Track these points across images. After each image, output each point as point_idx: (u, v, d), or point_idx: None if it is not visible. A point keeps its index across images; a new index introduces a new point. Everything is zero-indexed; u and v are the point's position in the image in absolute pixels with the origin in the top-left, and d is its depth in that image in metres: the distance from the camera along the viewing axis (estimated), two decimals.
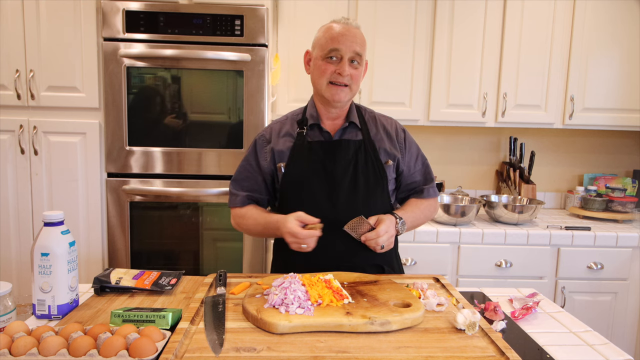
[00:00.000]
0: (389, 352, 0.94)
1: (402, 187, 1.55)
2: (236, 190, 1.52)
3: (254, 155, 1.51)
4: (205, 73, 2.21)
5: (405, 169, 1.52)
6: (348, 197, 1.42)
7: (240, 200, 1.51)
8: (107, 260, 2.29)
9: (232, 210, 1.54)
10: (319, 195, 1.42)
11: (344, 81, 1.40)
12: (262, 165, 1.49)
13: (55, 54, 2.19)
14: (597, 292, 2.37)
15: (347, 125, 1.48)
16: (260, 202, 1.53)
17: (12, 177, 2.24)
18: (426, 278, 1.40)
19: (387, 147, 1.49)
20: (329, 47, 1.39)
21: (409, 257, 2.33)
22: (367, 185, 1.44)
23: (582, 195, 2.77)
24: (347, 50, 1.38)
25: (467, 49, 2.53)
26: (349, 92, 1.42)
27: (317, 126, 1.48)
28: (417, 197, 1.56)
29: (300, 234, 1.29)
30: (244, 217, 1.50)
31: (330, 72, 1.40)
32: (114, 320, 1.05)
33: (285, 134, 1.49)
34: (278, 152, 1.47)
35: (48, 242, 1.11)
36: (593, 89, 2.58)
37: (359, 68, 1.42)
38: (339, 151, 1.45)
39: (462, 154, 2.96)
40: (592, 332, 1.17)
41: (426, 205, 1.55)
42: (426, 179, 1.57)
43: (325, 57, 1.40)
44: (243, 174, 1.52)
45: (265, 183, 1.51)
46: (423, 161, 1.57)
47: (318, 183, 1.43)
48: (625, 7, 2.52)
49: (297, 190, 1.44)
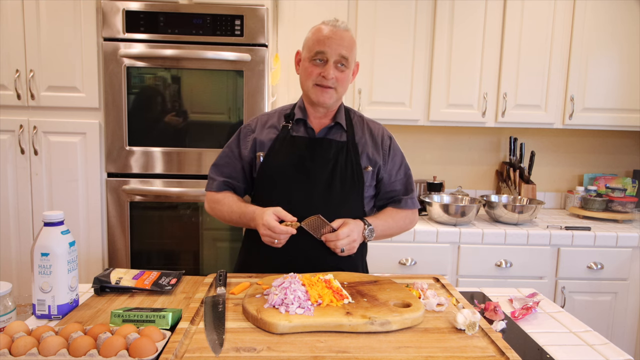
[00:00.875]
0: (389, 352, 0.94)
1: (380, 195, 1.54)
2: (214, 175, 1.54)
3: (236, 142, 1.53)
4: (205, 73, 2.21)
5: (385, 177, 1.51)
6: (322, 195, 1.42)
7: (217, 185, 1.52)
8: (107, 260, 2.29)
9: (208, 194, 1.54)
10: (293, 190, 1.42)
11: (329, 84, 1.40)
12: (242, 154, 1.51)
13: (55, 54, 2.19)
14: (597, 292, 2.37)
15: (332, 125, 1.48)
16: (237, 189, 1.54)
17: (12, 177, 2.24)
18: (426, 278, 1.40)
19: (370, 152, 1.48)
20: (315, 50, 1.39)
21: (408, 257, 2.33)
22: (343, 187, 1.43)
23: (582, 195, 2.77)
24: (333, 53, 1.38)
25: (467, 49, 2.53)
26: (334, 94, 1.42)
27: (304, 122, 1.48)
28: (395, 206, 1.54)
29: (277, 228, 1.28)
30: (219, 202, 1.50)
31: (315, 74, 1.40)
32: (114, 320, 1.05)
33: (271, 125, 1.51)
34: (260, 142, 1.48)
35: (48, 242, 1.11)
36: (593, 89, 2.58)
37: (345, 71, 1.42)
38: (320, 149, 1.45)
39: (462, 154, 2.96)
40: (592, 332, 1.17)
41: (402, 216, 1.53)
42: (407, 190, 1.55)
43: (312, 59, 1.41)
44: (223, 160, 1.54)
45: (243, 171, 1.52)
46: (406, 171, 1.56)
47: (294, 177, 1.43)
48: (625, 7, 2.52)
49: (273, 181, 1.45)
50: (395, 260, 2.33)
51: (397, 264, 2.33)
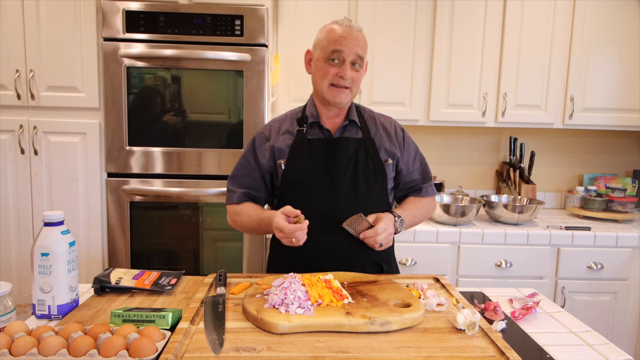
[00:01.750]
0: (389, 352, 0.94)
1: (400, 186, 1.56)
2: (234, 187, 1.52)
3: (252, 152, 1.51)
4: (205, 73, 2.21)
5: (404, 168, 1.53)
6: (348, 194, 1.43)
7: (237, 197, 1.50)
8: (107, 260, 2.29)
9: (229, 207, 1.53)
10: (319, 193, 1.42)
11: (345, 84, 1.40)
12: (260, 163, 1.49)
13: (55, 54, 2.19)
14: (597, 292, 2.37)
15: (347, 123, 1.49)
16: (257, 199, 1.52)
17: (12, 177, 2.24)
18: (426, 278, 1.40)
19: (387, 145, 1.50)
20: (331, 49, 1.38)
21: (409, 257, 2.33)
22: (367, 183, 1.44)
23: (582, 195, 2.77)
24: (350, 53, 1.38)
25: (467, 49, 2.53)
26: (349, 94, 1.43)
27: (317, 124, 1.48)
28: (416, 195, 1.57)
29: (286, 228, 1.26)
30: (239, 214, 1.49)
31: (332, 74, 1.40)
32: (114, 320, 1.05)
33: (285, 131, 1.49)
34: (278, 149, 1.47)
35: (48, 242, 1.11)
36: (593, 89, 2.58)
37: (360, 71, 1.43)
38: (340, 149, 1.45)
39: (462, 154, 2.96)
40: (592, 332, 1.17)
41: (424, 204, 1.57)
42: (424, 178, 1.58)
43: (327, 59, 1.40)
44: (241, 171, 1.52)
45: (263, 180, 1.51)
46: (421, 160, 1.58)
47: (318, 180, 1.43)
48: (625, 7, 2.52)
49: (297, 187, 1.45)
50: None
51: (397, 264, 2.33)
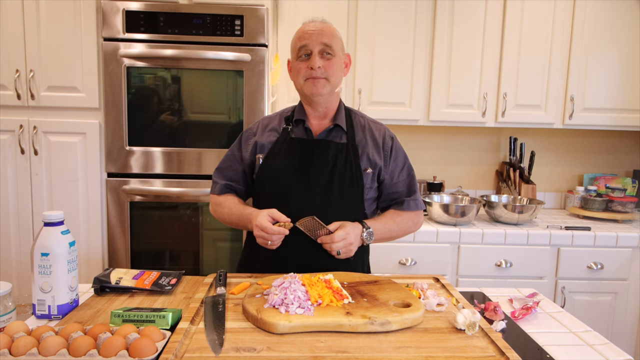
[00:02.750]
0: (389, 352, 0.94)
1: (383, 196, 1.52)
2: (217, 178, 1.57)
3: (238, 146, 1.56)
4: (205, 73, 2.21)
5: (387, 178, 1.49)
6: (321, 197, 1.41)
7: (219, 188, 1.55)
8: (107, 260, 2.29)
9: (212, 196, 1.57)
10: (291, 192, 1.42)
11: (318, 74, 1.40)
12: (244, 157, 1.53)
13: (55, 54, 2.19)
14: (597, 292, 2.37)
15: (332, 127, 1.48)
16: (238, 192, 1.56)
17: (12, 177, 2.24)
18: (426, 278, 1.40)
19: (371, 153, 1.47)
20: (298, 46, 1.42)
21: (409, 257, 2.33)
22: (342, 189, 1.42)
23: (582, 195, 2.77)
24: (314, 43, 1.40)
25: (467, 49, 2.53)
26: (327, 84, 1.42)
27: (303, 124, 1.49)
28: (397, 208, 1.52)
29: (269, 229, 1.29)
30: (221, 205, 1.52)
31: (304, 69, 1.42)
32: (114, 320, 1.05)
33: (272, 128, 1.52)
34: (260, 145, 1.50)
35: (48, 242, 1.11)
36: (593, 89, 2.58)
37: (331, 59, 1.42)
38: (319, 151, 1.44)
39: (462, 154, 2.96)
40: (592, 332, 1.17)
41: (404, 218, 1.50)
42: (409, 191, 1.52)
43: (298, 57, 1.43)
44: (226, 163, 1.57)
45: (244, 174, 1.54)
46: (409, 172, 1.53)
47: (293, 180, 1.43)
48: (625, 7, 2.52)
49: (271, 183, 1.45)
50: (395, 260, 2.33)
51: (397, 264, 2.33)
